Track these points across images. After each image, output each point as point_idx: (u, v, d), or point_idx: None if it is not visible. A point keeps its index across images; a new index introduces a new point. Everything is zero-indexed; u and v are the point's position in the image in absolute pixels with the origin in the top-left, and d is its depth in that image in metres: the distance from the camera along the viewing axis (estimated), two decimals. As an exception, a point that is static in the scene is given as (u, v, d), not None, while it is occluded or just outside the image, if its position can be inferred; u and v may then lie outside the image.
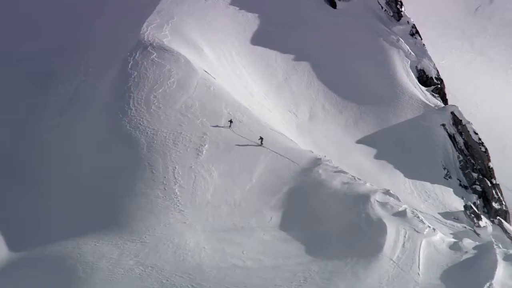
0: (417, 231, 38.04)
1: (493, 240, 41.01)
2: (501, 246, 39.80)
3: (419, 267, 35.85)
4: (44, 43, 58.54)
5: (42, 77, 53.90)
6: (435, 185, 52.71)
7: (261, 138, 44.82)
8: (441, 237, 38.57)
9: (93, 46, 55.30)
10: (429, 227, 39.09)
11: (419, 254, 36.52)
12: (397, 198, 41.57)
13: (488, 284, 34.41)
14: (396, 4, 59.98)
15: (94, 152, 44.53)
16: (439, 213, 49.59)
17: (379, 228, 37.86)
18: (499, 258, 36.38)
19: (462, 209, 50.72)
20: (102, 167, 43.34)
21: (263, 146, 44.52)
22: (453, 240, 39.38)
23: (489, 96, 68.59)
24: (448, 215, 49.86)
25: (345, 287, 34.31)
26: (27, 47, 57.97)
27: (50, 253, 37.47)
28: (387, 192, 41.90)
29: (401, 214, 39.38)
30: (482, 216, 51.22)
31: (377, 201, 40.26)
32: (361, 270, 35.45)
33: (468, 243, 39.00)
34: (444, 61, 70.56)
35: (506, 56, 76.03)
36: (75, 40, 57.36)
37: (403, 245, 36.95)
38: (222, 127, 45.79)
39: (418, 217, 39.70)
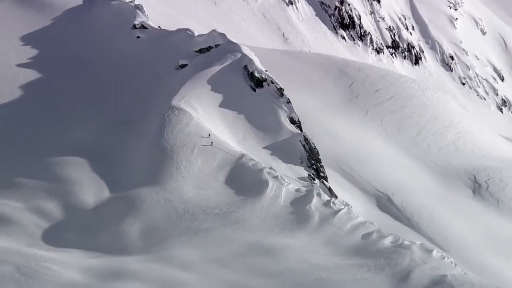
0: (282, 184, 39.52)
1: (314, 187, 42.74)
2: (319, 190, 41.54)
3: (281, 200, 37.45)
4: (130, 103, 56.81)
5: (128, 121, 52.92)
6: (296, 166, 53.31)
7: (212, 142, 45.47)
8: (292, 187, 40.01)
9: (151, 107, 54.73)
10: (287, 182, 40.58)
11: (281, 194, 38.14)
12: (275, 170, 42.61)
13: (308, 205, 36.34)
14: (281, 90, 62.01)
15: (145, 154, 44.77)
16: (297, 178, 50.96)
17: (265, 183, 39.27)
18: (315, 194, 38.35)
19: (307, 175, 52.39)
20: (150, 159, 43.62)
21: (213, 146, 44.81)
22: (297, 187, 41.19)
23: (363, 146, 66.93)
24: (301, 179, 51.06)
25: (248, 209, 35.59)
26: (122, 105, 56.25)
27: (127, 194, 38.32)
28: (271, 168, 42.90)
29: (276, 177, 40.66)
30: (315, 179, 52.94)
31: (266, 172, 41.30)
32: (257, 201, 36.81)
33: (303, 189, 40.72)
34: (336, 124, 70.27)
35: (373, 124, 73.79)
36: (144, 102, 56.49)
37: (275, 190, 38.52)
38: (204, 137, 45.97)
39: (283, 178, 41.03)
